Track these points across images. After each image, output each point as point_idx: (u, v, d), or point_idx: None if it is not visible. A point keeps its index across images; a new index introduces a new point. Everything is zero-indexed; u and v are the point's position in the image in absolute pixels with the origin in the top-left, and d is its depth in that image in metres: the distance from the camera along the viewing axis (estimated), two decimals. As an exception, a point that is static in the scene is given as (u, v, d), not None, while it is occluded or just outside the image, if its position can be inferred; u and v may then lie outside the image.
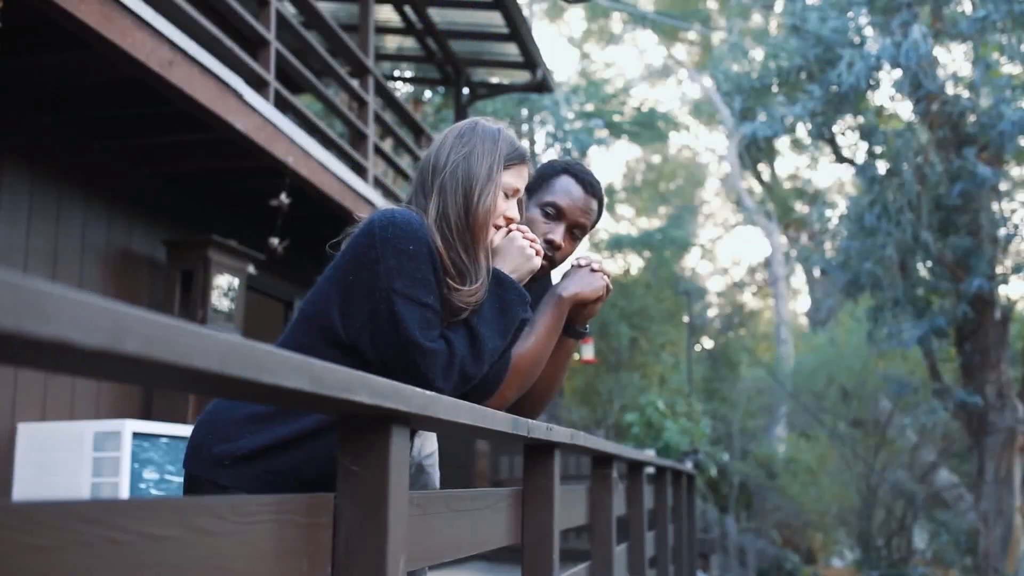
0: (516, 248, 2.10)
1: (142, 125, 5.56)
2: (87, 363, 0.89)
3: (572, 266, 2.49)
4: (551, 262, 2.42)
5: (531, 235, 2.25)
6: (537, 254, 2.33)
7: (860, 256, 10.53)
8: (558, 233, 2.37)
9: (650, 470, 5.73)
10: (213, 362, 0.94)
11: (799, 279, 27.34)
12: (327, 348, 1.76)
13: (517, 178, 1.98)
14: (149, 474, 4.76)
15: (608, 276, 2.46)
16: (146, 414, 5.69)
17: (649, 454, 10.59)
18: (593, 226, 2.50)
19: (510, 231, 2.15)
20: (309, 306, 1.83)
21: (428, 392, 1.62)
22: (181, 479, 1.97)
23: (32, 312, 0.71)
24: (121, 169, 5.81)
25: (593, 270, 2.44)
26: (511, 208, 1.98)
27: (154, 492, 4.76)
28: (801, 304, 27.87)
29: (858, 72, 9.89)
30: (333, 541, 1.48)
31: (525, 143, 21.45)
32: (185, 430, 4.90)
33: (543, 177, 2.44)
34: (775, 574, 15.32)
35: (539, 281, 2.58)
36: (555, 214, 2.38)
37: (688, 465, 9.30)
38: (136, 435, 4.68)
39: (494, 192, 1.90)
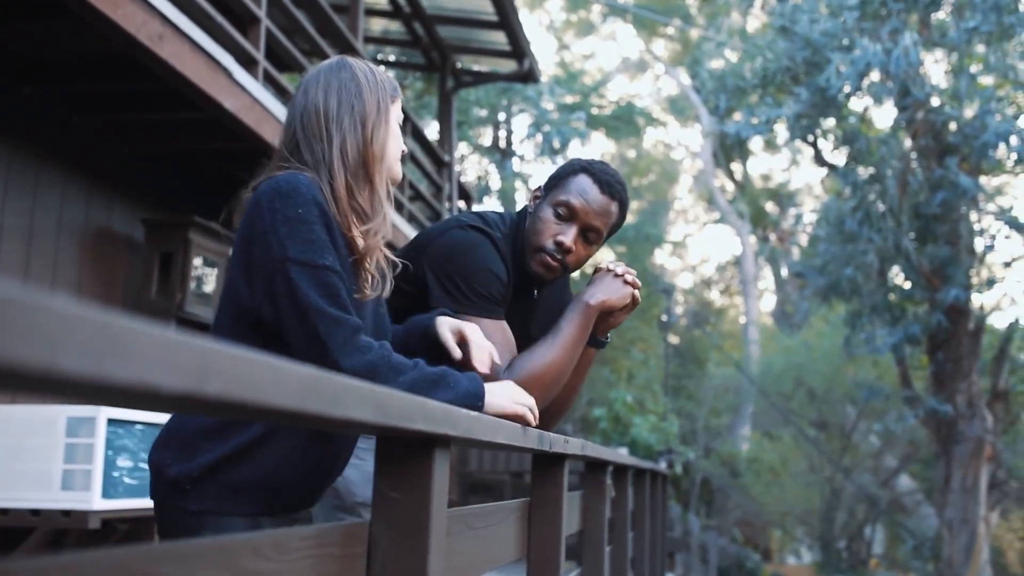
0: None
1: (126, 101, 5.37)
2: (166, 405, 0.80)
3: (598, 271, 2.38)
4: (563, 266, 2.27)
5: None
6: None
7: (841, 261, 10.53)
8: (569, 235, 2.23)
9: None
10: (290, 399, 0.86)
11: (766, 278, 27.51)
12: (250, 332, 1.70)
13: (399, 110, 1.93)
14: (123, 462, 4.59)
15: (637, 285, 2.36)
16: (119, 398, 5.52)
17: (622, 452, 10.56)
18: (614, 230, 2.36)
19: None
20: (225, 290, 1.76)
21: (471, 413, 1.52)
22: None
23: (115, 353, 0.61)
24: (102, 145, 5.62)
25: (620, 276, 2.34)
26: (399, 140, 1.92)
27: (128, 480, 4.60)
28: (766, 303, 28.06)
29: (847, 77, 9.88)
30: (367, 573, 1.40)
31: (503, 133, 21.36)
32: (161, 417, 4.75)
33: (561, 175, 2.32)
34: (736, 572, 15.38)
35: (549, 288, 2.48)
36: (567, 215, 2.25)
37: (663, 465, 9.28)
38: (111, 421, 4.52)
39: (385, 126, 1.85)
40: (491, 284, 2.18)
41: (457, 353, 1.99)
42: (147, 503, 4.35)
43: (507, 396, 1.91)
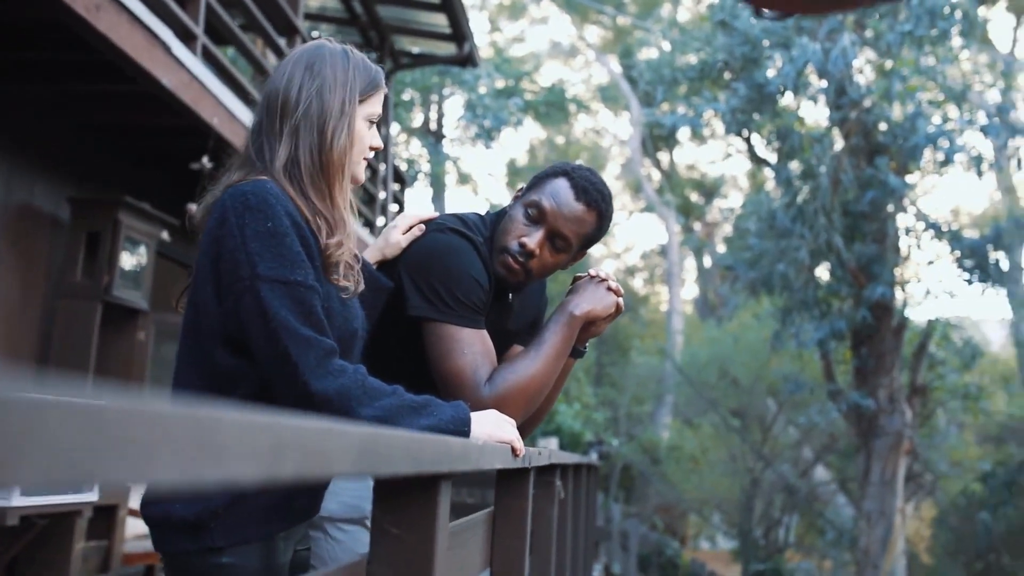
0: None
1: (53, 70, 5.08)
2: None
3: (581, 279, 2.28)
4: (525, 271, 2.14)
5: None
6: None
7: (773, 257, 10.66)
8: (534, 238, 2.10)
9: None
10: (350, 465, 0.79)
11: (689, 268, 27.87)
12: (220, 348, 1.60)
13: (377, 104, 1.80)
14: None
15: (620, 292, 2.27)
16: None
17: (552, 443, 10.54)
18: (589, 242, 2.21)
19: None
20: (190, 306, 1.66)
21: (465, 441, 1.42)
22: None
23: (206, 454, 0.52)
24: (25, 116, 5.31)
25: (604, 283, 2.24)
26: (375, 137, 1.80)
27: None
28: (688, 291, 28.42)
29: (786, 74, 9.97)
30: (364, 614, 1.32)
31: (434, 115, 21.14)
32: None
33: (541, 176, 2.20)
34: (656, 559, 15.58)
35: (513, 295, 2.34)
36: (536, 216, 2.12)
37: (594, 456, 9.29)
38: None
39: (348, 129, 1.71)
40: (473, 291, 2.06)
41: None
42: (66, 499, 4.17)
43: (493, 424, 1.83)
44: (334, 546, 2.14)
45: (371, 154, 1.79)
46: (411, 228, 2.13)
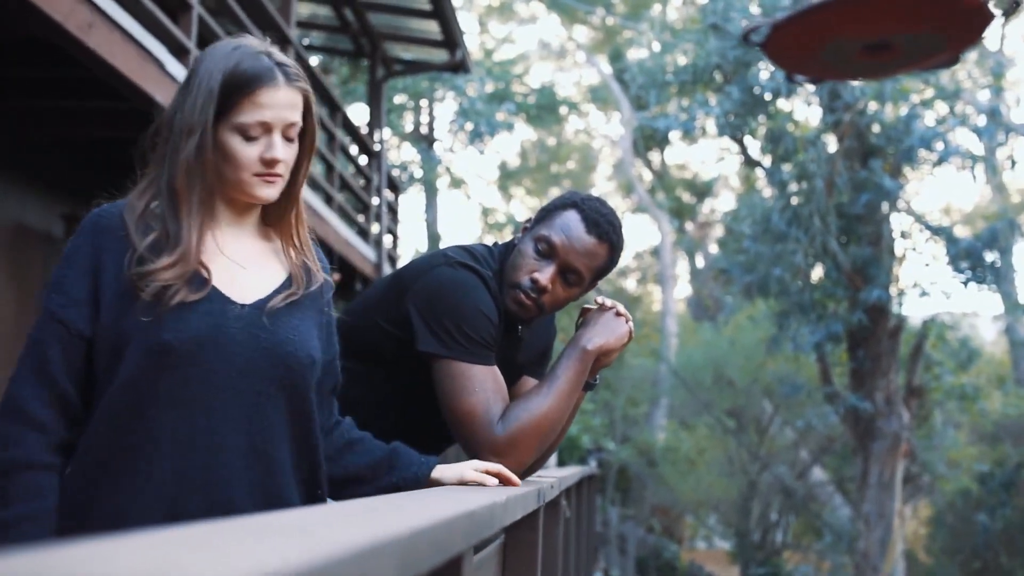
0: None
1: (44, 87, 5.01)
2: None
3: (589, 310, 2.23)
4: (538, 306, 2.11)
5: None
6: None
7: (769, 260, 10.64)
8: (546, 274, 2.07)
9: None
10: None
11: (682, 269, 27.83)
12: None
13: (251, 112, 1.56)
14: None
15: (628, 318, 2.23)
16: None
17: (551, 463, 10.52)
18: (601, 274, 2.19)
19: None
20: None
21: (491, 504, 1.37)
22: None
23: None
24: (16, 134, 5.24)
25: (617, 314, 2.20)
26: (270, 147, 1.57)
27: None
28: (680, 291, 28.40)
29: (778, 77, 9.95)
30: None
31: (424, 118, 21.05)
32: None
33: (550, 208, 2.16)
34: (653, 562, 15.56)
35: (524, 329, 2.28)
36: (547, 251, 2.09)
37: (592, 464, 9.25)
38: None
39: (196, 144, 1.55)
40: (483, 328, 2.02)
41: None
42: None
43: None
44: None
45: (265, 168, 1.58)
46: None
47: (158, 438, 1.50)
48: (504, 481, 1.87)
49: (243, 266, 1.64)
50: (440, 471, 1.83)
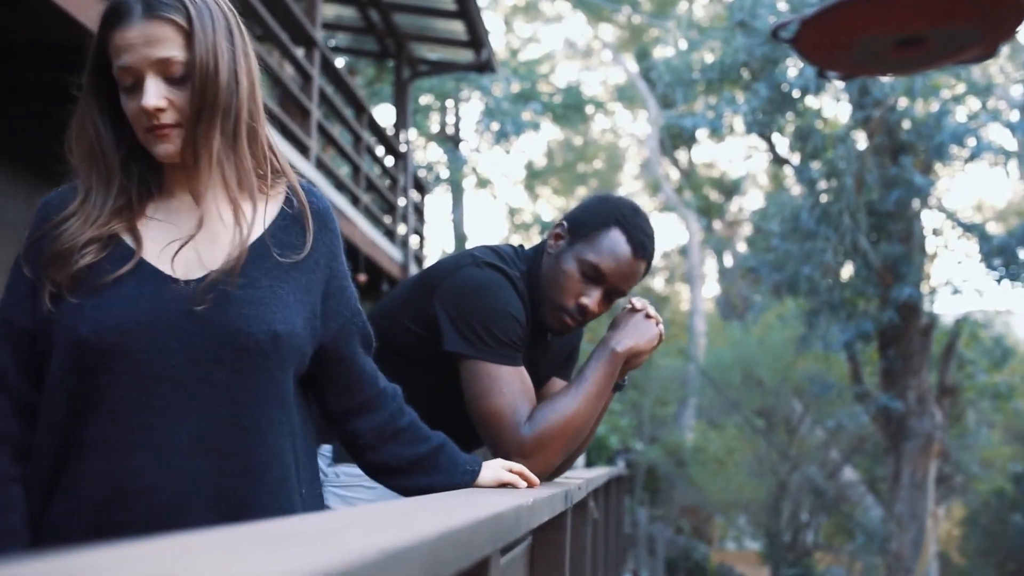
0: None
1: (57, 90, 5.02)
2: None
3: (623, 311, 2.21)
4: (579, 325, 2.16)
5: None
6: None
7: (798, 259, 10.54)
8: (593, 298, 2.09)
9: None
10: None
11: (710, 267, 27.68)
12: None
13: (118, 55, 1.36)
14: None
15: (660, 322, 2.20)
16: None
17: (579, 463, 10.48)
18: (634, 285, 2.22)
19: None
20: None
21: (517, 507, 1.34)
22: None
23: None
24: (26, 136, 5.26)
25: (648, 316, 2.17)
26: (146, 94, 1.35)
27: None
28: (709, 290, 28.23)
29: (807, 74, 9.86)
30: None
31: (450, 119, 21.08)
32: None
33: (593, 224, 2.12)
34: (683, 563, 15.46)
35: (558, 340, 2.30)
36: (593, 276, 2.08)
37: (620, 465, 9.21)
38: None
39: (82, 105, 1.44)
40: (511, 329, 2.00)
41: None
42: None
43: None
44: None
45: (148, 120, 1.37)
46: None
47: (85, 442, 1.34)
48: (526, 483, 1.82)
49: (195, 238, 1.41)
50: (479, 478, 1.72)
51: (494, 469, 1.73)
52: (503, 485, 1.73)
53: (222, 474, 1.36)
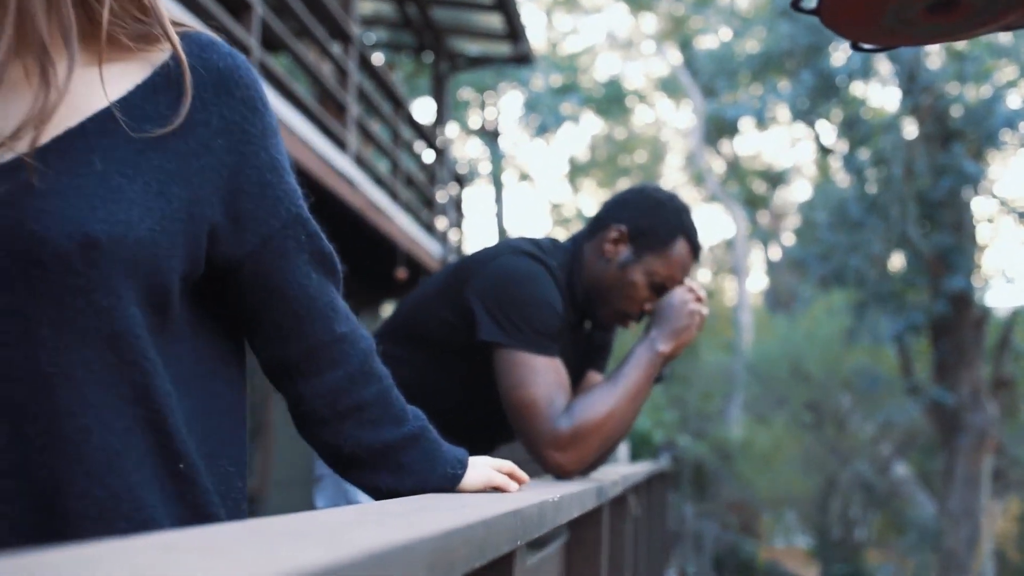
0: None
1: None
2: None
3: (669, 301, 2.12)
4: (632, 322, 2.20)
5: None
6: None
7: (845, 249, 10.36)
8: (654, 302, 2.15)
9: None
10: None
11: (756, 260, 27.38)
12: None
13: None
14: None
15: (704, 299, 2.13)
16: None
17: (621, 447, 10.38)
18: None
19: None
20: None
21: (541, 504, 1.26)
22: None
23: None
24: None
25: (688, 305, 2.09)
26: None
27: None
28: (755, 283, 27.93)
29: (853, 61, 9.67)
30: None
31: (490, 113, 21.06)
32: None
33: (662, 236, 2.08)
34: (731, 560, 15.31)
35: (597, 333, 2.30)
36: (662, 287, 2.11)
37: (664, 460, 9.11)
38: None
39: None
40: (548, 319, 1.95)
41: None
42: None
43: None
44: None
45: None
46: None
47: None
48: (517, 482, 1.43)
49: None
50: (463, 481, 1.28)
51: (482, 469, 1.32)
52: (493, 489, 1.34)
53: (17, 439, 0.95)
